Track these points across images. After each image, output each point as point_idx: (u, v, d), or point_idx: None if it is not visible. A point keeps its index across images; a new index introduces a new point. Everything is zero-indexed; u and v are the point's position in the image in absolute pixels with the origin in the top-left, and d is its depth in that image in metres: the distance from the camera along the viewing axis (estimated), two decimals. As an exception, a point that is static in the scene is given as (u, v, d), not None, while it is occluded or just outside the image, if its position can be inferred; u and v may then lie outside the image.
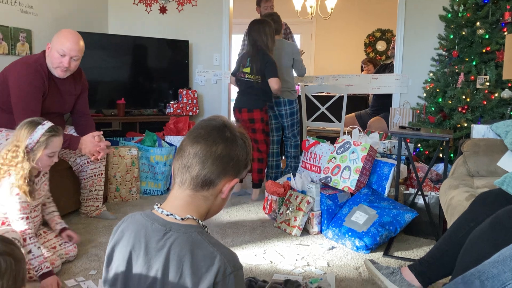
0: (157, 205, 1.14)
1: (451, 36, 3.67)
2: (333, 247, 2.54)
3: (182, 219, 1.08)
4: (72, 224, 2.82)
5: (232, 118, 4.88)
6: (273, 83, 3.36)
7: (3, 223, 2.02)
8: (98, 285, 2.00)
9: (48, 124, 2.07)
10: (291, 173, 3.08)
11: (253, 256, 2.40)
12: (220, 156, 1.08)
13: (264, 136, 3.46)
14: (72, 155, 2.86)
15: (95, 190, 2.94)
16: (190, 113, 4.24)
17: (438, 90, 3.64)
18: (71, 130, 2.94)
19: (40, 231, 2.29)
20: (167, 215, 1.09)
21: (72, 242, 2.30)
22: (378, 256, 2.43)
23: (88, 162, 2.87)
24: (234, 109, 3.54)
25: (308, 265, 2.30)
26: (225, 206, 1.26)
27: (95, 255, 2.36)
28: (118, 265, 1.11)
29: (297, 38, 7.62)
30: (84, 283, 2.02)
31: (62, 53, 2.58)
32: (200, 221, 1.11)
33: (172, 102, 4.20)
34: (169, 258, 1.03)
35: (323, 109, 4.06)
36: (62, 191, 2.82)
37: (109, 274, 1.14)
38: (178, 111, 4.17)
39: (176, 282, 1.01)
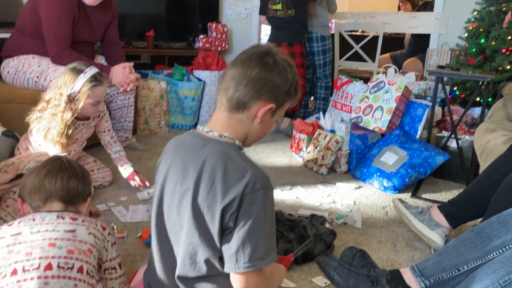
0: (199, 125, 1.19)
1: (501, -29, 3.40)
2: (360, 187, 2.53)
3: (220, 136, 1.12)
4: (102, 153, 2.86)
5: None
6: None
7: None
8: (129, 210, 2.06)
9: (90, 72, 1.98)
10: (321, 112, 3.02)
11: (279, 191, 2.42)
12: (254, 79, 1.09)
13: (303, 71, 3.44)
14: (102, 85, 2.87)
15: (125, 121, 2.97)
16: (219, 48, 4.16)
17: (481, 30, 3.43)
18: (101, 60, 2.93)
19: (80, 155, 2.33)
20: (207, 132, 1.14)
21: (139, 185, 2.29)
22: (405, 197, 2.40)
23: (118, 93, 2.87)
24: (270, 42, 3.45)
25: (334, 202, 2.31)
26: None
27: (125, 183, 2.41)
28: (159, 177, 1.19)
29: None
30: (115, 208, 2.09)
31: (90, -21, 2.52)
32: (237, 141, 1.14)
33: (201, 36, 4.10)
34: (203, 168, 1.07)
35: (357, 48, 3.91)
36: (93, 120, 2.86)
37: (155, 189, 1.21)
38: (207, 45, 4.09)
39: (208, 190, 1.05)
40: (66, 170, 1.17)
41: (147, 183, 2.29)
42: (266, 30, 4.23)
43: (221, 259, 1.09)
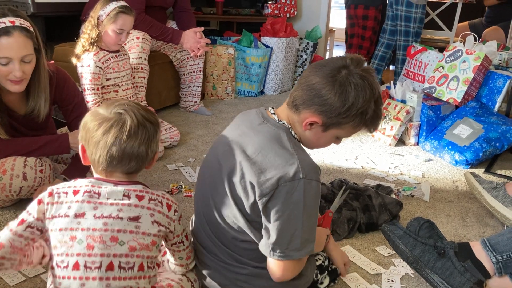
0: (270, 108, 1.20)
1: None
2: (429, 160, 2.44)
3: (279, 121, 1.14)
4: (172, 116, 2.98)
5: (331, 24, 4.64)
6: None
7: None
8: (196, 171, 2.14)
9: (122, 2, 2.14)
10: (391, 81, 2.92)
11: (344, 160, 2.39)
12: (310, 86, 1.07)
13: (371, 33, 3.50)
14: (173, 50, 2.94)
15: (194, 86, 3.04)
16: (288, 15, 4.10)
17: None
18: (173, 25, 2.99)
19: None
20: (271, 113, 1.17)
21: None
22: (478, 172, 2.29)
23: (188, 58, 2.94)
24: (349, 5, 3.46)
25: (401, 174, 2.25)
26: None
27: (193, 145, 2.49)
28: (215, 142, 1.24)
29: None
30: (183, 168, 2.17)
31: None
32: (293, 132, 1.13)
33: (270, 2, 4.06)
34: (255, 140, 1.10)
35: (433, 15, 3.71)
36: (163, 84, 2.96)
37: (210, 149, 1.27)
38: (276, 12, 4.05)
39: (247, 163, 1.07)
40: (136, 135, 1.01)
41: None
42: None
43: (253, 227, 1.10)
